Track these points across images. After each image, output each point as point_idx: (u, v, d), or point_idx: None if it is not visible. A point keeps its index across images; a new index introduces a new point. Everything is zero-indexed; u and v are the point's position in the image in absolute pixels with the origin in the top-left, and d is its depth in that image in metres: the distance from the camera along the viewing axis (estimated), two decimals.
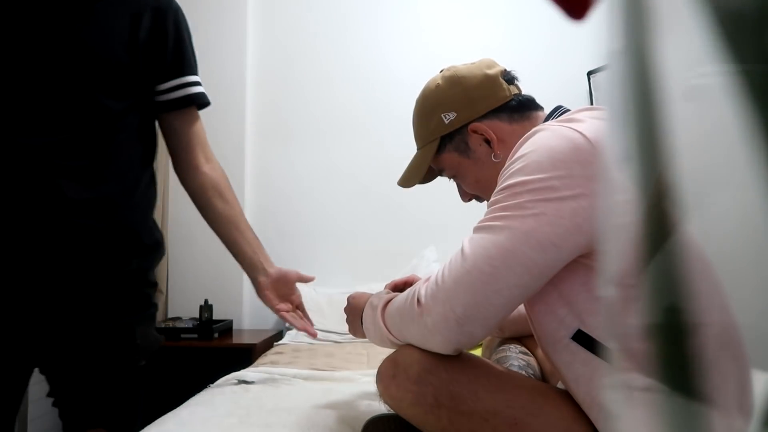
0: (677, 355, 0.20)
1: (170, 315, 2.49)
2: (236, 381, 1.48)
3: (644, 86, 0.21)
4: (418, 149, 1.07)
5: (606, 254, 0.23)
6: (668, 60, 0.21)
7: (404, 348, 0.83)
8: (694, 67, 0.21)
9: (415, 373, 0.79)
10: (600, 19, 0.24)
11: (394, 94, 2.66)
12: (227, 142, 2.60)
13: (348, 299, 1.04)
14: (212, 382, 1.53)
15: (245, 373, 1.55)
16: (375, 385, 0.88)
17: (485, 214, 0.78)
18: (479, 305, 0.72)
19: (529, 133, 0.80)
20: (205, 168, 1.07)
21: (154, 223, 1.06)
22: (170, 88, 1.05)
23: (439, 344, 0.77)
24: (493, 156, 0.96)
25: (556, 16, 0.28)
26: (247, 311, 2.56)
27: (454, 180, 1.08)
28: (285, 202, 2.66)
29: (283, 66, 2.73)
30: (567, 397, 0.80)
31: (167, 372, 2.10)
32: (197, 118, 1.10)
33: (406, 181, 1.09)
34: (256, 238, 1.12)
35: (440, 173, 1.08)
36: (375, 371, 1.57)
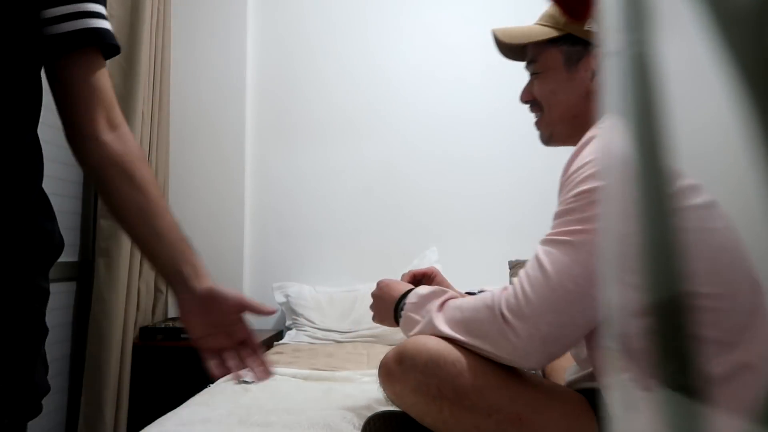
0: (677, 355, 0.20)
1: (170, 315, 2.49)
2: (236, 381, 1.49)
3: (644, 86, 0.21)
4: (536, 23, 1.01)
5: (607, 255, 0.22)
6: (668, 60, 0.21)
7: (414, 339, 0.84)
8: (694, 66, 0.21)
9: (422, 363, 0.80)
10: (600, 18, 0.24)
11: (395, 93, 2.66)
12: (227, 142, 2.60)
13: (379, 284, 1.01)
14: (212, 382, 1.53)
15: (245, 373, 1.55)
16: (375, 384, 0.88)
17: (559, 223, 0.76)
18: (564, 325, 0.71)
19: (590, 135, 0.79)
20: (107, 137, 0.74)
21: (40, 210, 0.71)
22: (57, 17, 0.70)
23: (520, 362, 0.77)
24: (586, 90, 0.92)
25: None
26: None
27: (531, 75, 1.01)
28: (285, 202, 2.65)
29: (284, 66, 2.72)
30: (570, 394, 0.80)
31: (167, 372, 2.10)
32: (100, 65, 0.75)
33: (502, 30, 1.03)
34: (183, 239, 0.77)
35: (530, 63, 1.01)
36: (375, 371, 1.56)
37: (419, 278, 1.07)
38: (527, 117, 3.04)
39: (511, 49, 1.03)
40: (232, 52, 2.64)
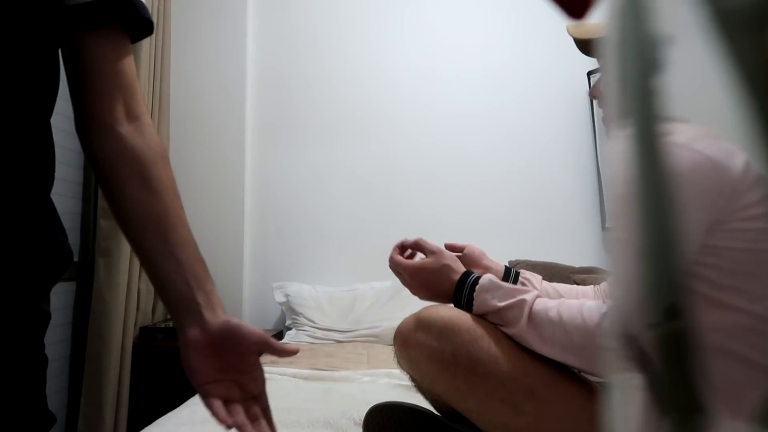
0: (677, 356, 0.20)
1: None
2: None
3: (645, 87, 0.21)
4: None
5: (610, 258, 0.23)
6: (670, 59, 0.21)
7: (430, 307, 0.85)
8: (695, 69, 0.21)
9: (438, 330, 0.81)
10: (600, 18, 0.24)
11: (395, 93, 2.66)
12: (227, 142, 2.60)
13: (427, 264, 0.95)
14: None
15: None
16: (375, 384, 0.88)
17: None
18: None
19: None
20: (124, 128, 0.62)
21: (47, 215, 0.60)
22: None
23: None
24: None
25: (557, 15, 0.28)
26: (247, 311, 2.56)
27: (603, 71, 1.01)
28: (285, 202, 2.66)
29: (283, 66, 2.73)
30: (580, 378, 0.81)
31: (167, 372, 2.10)
32: (125, 43, 0.64)
33: (575, 26, 0.98)
34: (199, 259, 0.63)
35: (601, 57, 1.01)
36: (375, 371, 1.56)
37: (409, 245, 1.09)
38: (527, 117, 3.04)
39: (585, 44, 1.00)
40: (232, 52, 2.64)
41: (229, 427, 0.58)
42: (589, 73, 2.56)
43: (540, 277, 1.14)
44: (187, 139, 2.59)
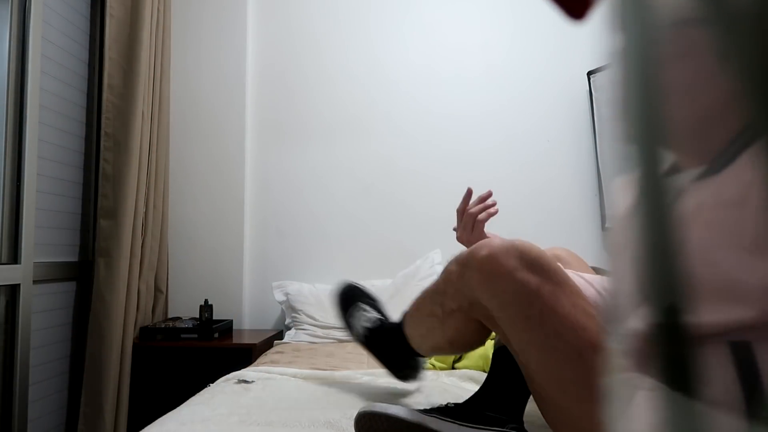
0: (677, 355, 0.20)
1: (170, 315, 2.49)
2: (236, 380, 1.49)
3: (645, 88, 0.21)
4: None
5: (610, 257, 0.23)
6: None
7: (526, 241, 0.87)
8: (695, 68, 0.21)
9: (530, 260, 0.82)
10: (600, 19, 0.24)
11: (395, 93, 2.66)
12: (227, 142, 2.60)
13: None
14: (212, 382, 1.53)
15: (245, 373, 1.55)
16: (374, 383, 0.88)
17: None
18: None
19: None
20: None
21: None
22: None
23: None
24: None
25: (557, 16, 0.28)
26: (247, 311, 2.56)
27: None
28: (285, 202, 2.66)
29: (284, 66, 2.73)
30: None
31: (167, 372, 2.10)
32: None
33: None
34: None
35: None
36: (375, 371, 1.56)
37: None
38: (527, 117, 3.04)
39: None
40: (232, 52, 2.65)
41: None
42: (589, 73, 2.56)
43: None
44: (187, 139, 2.60)
